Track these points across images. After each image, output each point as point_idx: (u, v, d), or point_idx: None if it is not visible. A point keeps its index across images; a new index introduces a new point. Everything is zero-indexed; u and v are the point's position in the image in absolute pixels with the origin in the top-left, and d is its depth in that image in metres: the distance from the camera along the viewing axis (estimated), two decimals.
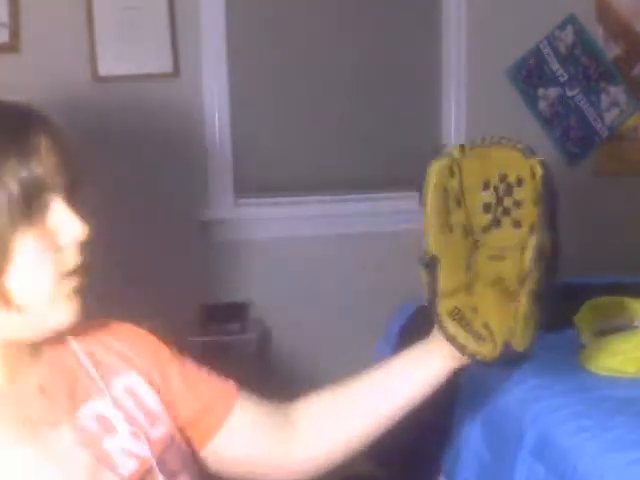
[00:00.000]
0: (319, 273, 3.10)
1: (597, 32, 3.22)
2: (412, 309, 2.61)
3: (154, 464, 0.90)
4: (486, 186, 0.96)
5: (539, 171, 0.93)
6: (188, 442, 1.02)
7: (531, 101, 3.20)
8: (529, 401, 1.90)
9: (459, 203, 0.96)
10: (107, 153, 2.86)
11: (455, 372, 1.03)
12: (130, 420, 0.92)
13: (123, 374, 0.97)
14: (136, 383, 0.97)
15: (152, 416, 0.96)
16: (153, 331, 1.08)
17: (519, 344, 0.95)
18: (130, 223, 2.91)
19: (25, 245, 0.83)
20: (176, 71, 2.89)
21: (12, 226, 0.81)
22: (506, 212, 0.95)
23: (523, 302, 0.94)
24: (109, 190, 2.87)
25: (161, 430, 0.95)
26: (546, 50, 3.18)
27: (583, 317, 2.26)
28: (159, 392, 0.99)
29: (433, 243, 0.97)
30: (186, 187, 2.97)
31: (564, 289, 2.63)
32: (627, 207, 3.32)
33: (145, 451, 0.90)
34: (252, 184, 3.07)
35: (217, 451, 1.05)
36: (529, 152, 0.94)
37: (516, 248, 0.95)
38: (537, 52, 3.18)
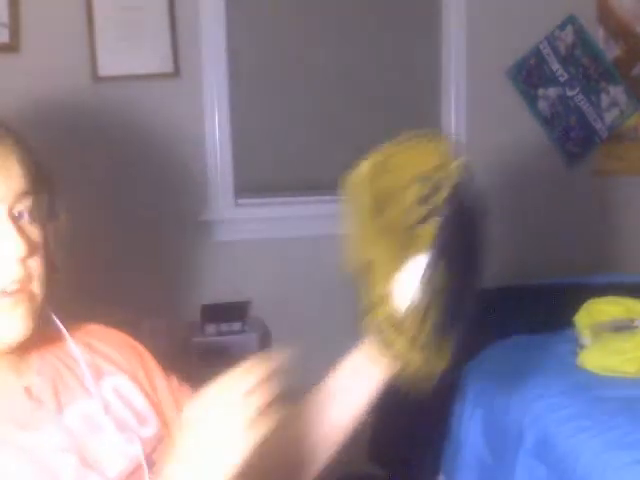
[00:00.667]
0: (319, 273, 3.10)
1: (597, 32, 3.22)
2: None
3: (143, 462, 0.91)
4: (422, 180, 0.91)
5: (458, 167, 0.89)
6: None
7: (531, 101, 3.20)
8: (529, 401, 1.91)
9: (390, 199, 0.92)
10: (107, 153, 2.86)
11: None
12: (119, 420, 0.93)
13: (111, 376, 0.98)
14: (124, 385, 0.98)
15: (140, 416, 0.96)
16: (143, 342, 1.08)
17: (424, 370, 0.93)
18: (130, 223, 2.91)
19: None
20: (176, 71, 2.88)
21: None
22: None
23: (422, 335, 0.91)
24: (109, 190, 2.87)
25: (150, 430, 0.96)
26: (546, 50, 3.18)
27: (583, 317, 2.27)
28: (147, 394, 1.00)
29: (362, 243, 0.95)
30: (186, 187, 2.97)
31: (564, 289, 2.64)
32: (627, 207, 3.32)
33: (134, 450, 0.91)
34: (252, 184, 3.07)
35: None
36: (450, 149, 0.90)
37: None
38: (537, 52, 3.17)
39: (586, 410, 1.79)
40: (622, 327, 2.18)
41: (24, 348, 0.90)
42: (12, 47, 2.73)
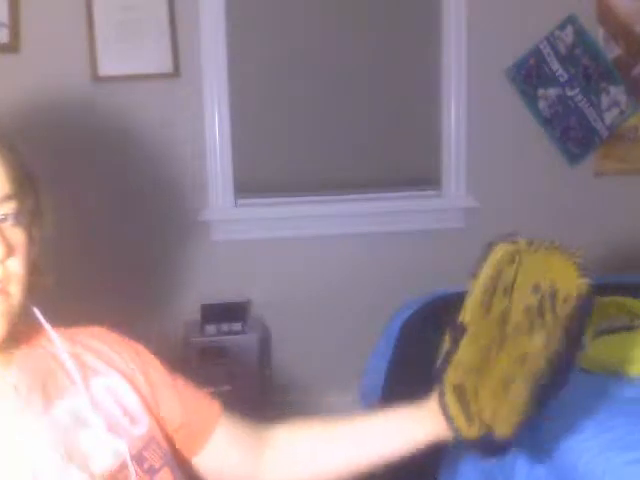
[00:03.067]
0: (319, 273, 3.11)
1: (597, 32, 3.22)
2: (413, 307, 2.61)
3: (128, 460, 0.91)
4: (536, 289, 0.95)
5: (582, 291, 0.92)
6: (170, 440, 1.03)
7: (531, 101, 3.20)
8: None
9: (506, 292, 0.97)
10: (107, 153, 2.86)
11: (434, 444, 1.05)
12: (108, 417, 0.93)
13: (104, 374, 0.98)
14: (116, 383, 0.98)
15: (131, 415, 0.97)
16: (146, 342, 1.08)
17: (502, 432, 0.94)
18: (130, 223, 2.91)
19: None
20: (176, 71, 2.89)
21: None
22: (543, 325, 0.94)
23: (523, 395, 0.93)
24: (109, 190, 2.88)
25: (141, 429, 0.96)
26: (546, 50, 3.18)
27: None
28: (140, 393, 1.00)
29: (469, 313, 0.99)
30: (186, 187, 2.97)
31: None
32: (627, 207, 3.32)
33: (122, 447, 0.91)
34: (252, 184, 3.07)
35: (199, 465, 1.08)
36: (583, 270, 0.94)
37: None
38: (537, 52, 3.17)
39: (586, 410, 1.79)
40: (622, 327, 2.17)
41: (9, 346, 0.91)
42: (12, 47, 2.73)
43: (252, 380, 2.80)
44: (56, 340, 0.96)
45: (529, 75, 3.18)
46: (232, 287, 3.01)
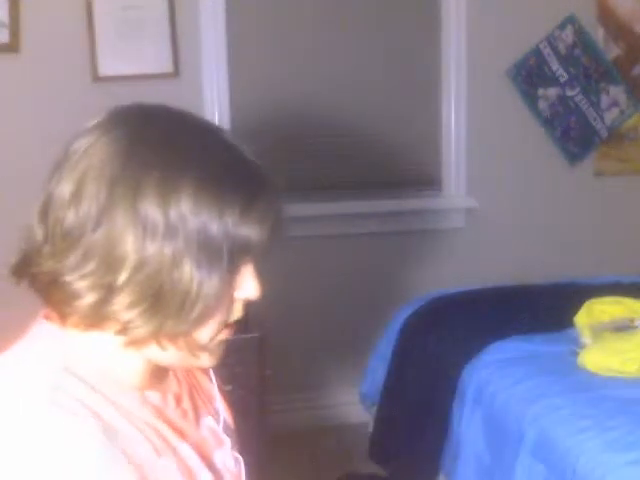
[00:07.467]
0: (319, 273, 3.10)
1: (597, 32, 3.22)
2: (413, 307, 2.61)
3: (244, 477, 0.95)
4: None
5: None
6: None
7: (531, 101, 3.20)
8: (529, 401, 1.91)
9: None
10: None
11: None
12: (231, 436, 0.97)
13: (216, 399, 1.02)
14: (222, 408, 1.01)
15: (234, 437, 1.00)
16: None
17: None
18: None
19: (220, 296, 0.87)
20: (176, 71, 2.89)
21: (221, 280, 0.85)
22: None
23: None
24: None
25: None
26: (546, 50, 3.18)
27: (583, 317, 2.27)
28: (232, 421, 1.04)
29: None
30: None
31: (564, 289, 2.64)
32: (627, 207, 3.32)
33: (239, 467, 0.95)
34: None
35: None
36: None
37: None
38: (537, 52, 3.17)
39: (586, 410, 1.79)
40: (622, 327, 2.18)
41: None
42: (12, 47, 2.73)
43: (252, 380, 2.80)
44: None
45: (529, 75, 3.19)
46: None
